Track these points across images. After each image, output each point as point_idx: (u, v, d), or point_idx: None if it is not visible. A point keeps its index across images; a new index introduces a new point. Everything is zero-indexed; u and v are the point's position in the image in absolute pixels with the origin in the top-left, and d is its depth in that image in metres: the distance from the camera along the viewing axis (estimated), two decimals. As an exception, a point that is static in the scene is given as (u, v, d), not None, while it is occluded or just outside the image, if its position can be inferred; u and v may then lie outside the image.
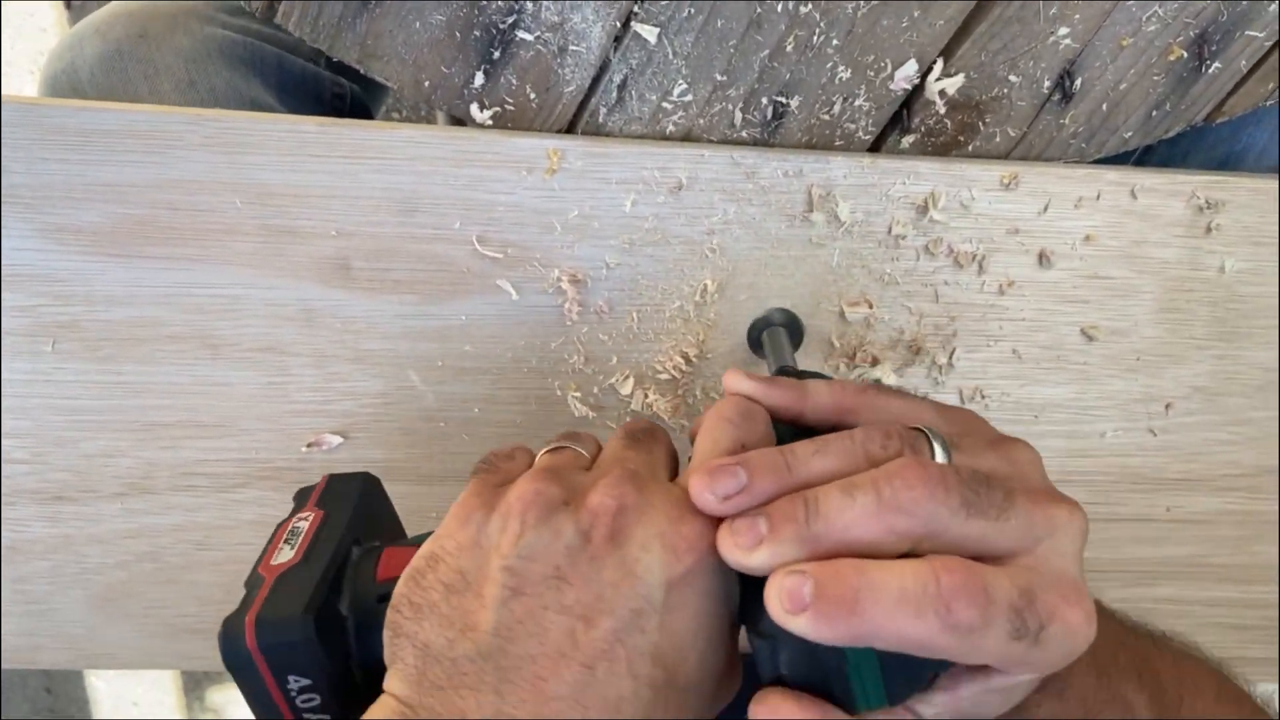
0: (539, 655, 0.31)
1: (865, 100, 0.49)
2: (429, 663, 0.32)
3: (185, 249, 0.48)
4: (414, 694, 0.32)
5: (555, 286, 0.51)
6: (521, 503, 0.33)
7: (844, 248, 0.51)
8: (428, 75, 0.47)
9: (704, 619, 0.33)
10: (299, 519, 0.39)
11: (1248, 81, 0.51)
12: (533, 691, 0.31)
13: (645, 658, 0.32)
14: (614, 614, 0.32)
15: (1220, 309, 0.54)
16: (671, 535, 0.33)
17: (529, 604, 0.32)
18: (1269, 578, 0.63)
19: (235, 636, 0.34)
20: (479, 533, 0.34)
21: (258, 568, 0.37)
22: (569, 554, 0.32)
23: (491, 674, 0.31)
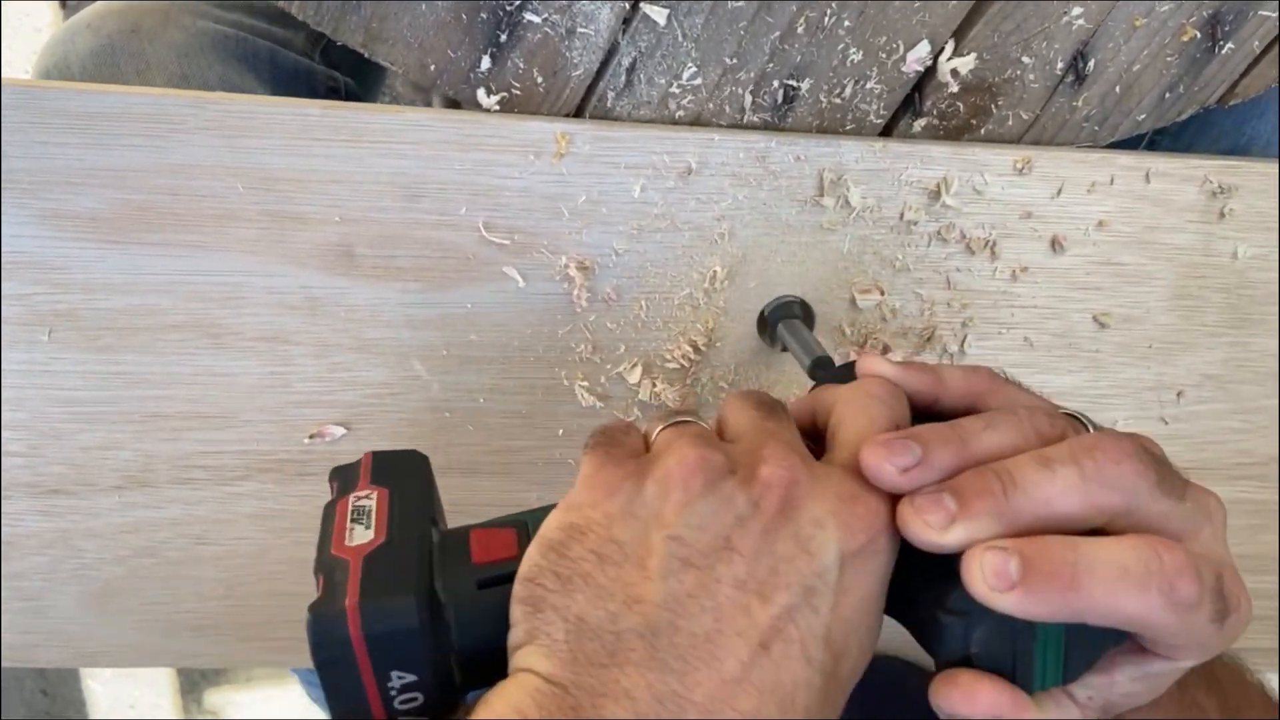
0: (714, 632, 0.29)
1: (877, 83, 0.48)
2: (585, 637, 0.29)
3: (186, 235, 0.47)
4: (566, 672, 0.29)
5: (563, 274, 0.50)
6: (685, 469, 0.31)
7: (855, 234, 0.51)
8: (433, 59, 0.46)
9: (870, 602, 0.31)
10: (360, 497, 0.35)
11: (1261, 62, 0.50)
12: (708, 672, 0.28)
13: (819, 640, 0.30)
14: (789, 590, 0.29)
15: (1233, 295, 0.54)
16: (846, 513, 0.31)
17: (700, 576, 0.29)
18: (1276, 567, 0.63)
19: (333, 624, 0.29)
20: (631, 501, 0.31)
21: (330, 550, 0.32)
22: (740, 524, 0.30)
23: (664, 650, 0.29)
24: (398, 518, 0.33)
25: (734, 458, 0.32)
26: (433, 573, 0.32)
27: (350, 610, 0.29)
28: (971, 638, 0.30)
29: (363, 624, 0.29)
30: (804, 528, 0.30)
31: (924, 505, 0.30)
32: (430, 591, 0.31)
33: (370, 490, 0.35)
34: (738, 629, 0.29)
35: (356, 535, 0.33)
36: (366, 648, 0.30)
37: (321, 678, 0.30)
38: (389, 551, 0.32)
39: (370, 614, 0.30)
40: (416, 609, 0.30)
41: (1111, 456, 0.30)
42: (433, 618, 0.31)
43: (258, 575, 0.56)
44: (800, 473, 0.31)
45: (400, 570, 0.31)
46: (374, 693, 0.30)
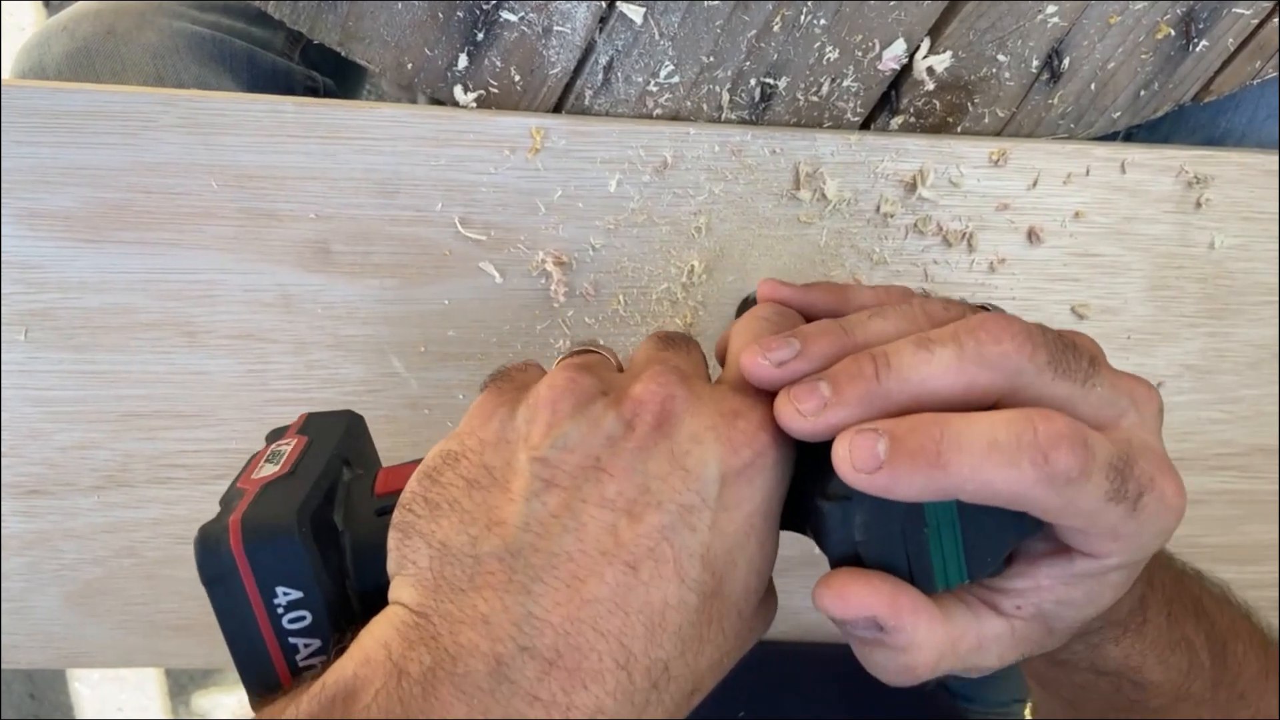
0: (576, 552, 0.28)
1: (854, 81, 0.48)
2: (447, 563, 0.28)
3: (160, 233, 0.47)
4: (428, 599, 0.28)
5: (540, 269, 0.50)
6: (553, 392, 0.30)
7: (832, 227, 0.51)
8: (410, 57, 0.46)
9: (756, 521, 0.30)
10: (280, 444, 0.35)
11: (1235, 59, 0.50)
12: (568, 593, 0.28)
13: (695, 559, 0.29)
14: (662, 508, 0.28)
15: (1210, 285, 0.54)
16: (726, 428, 0.29)
17: (564, 497, 0.29)
18: (1263, 557, 0.63)
19: (216, 540, 0.29)
20: (504, 427, 0.31)
21: (236, 484, 0.33)
22: (610, 444, 0.29)
23: (522, 572, 0.28)
24: (307, 457, 0.33)
25: (610, 381, 0.31)
26: (332, 502, 0.32)
27: (233, 525, 0.29)
28: (853, 525, 0.29)
29: (244, 537, 0.29)
30: (680, 444, 0.29)
31: (798, 394, 0.29)
32: (321, 514, 0.31)
33: (292, 439, 0.35)
34: (602, 548, 0.28)
35: (263, 470, 0.33)
36: (248, 561, 0.29)
37: (210, 597, 0.30)
38: (286, 481, 0.32)
39: (251, 528, 0.29)
40: (296, 524, 0.30)
41: (992, 335, 0.28)
42: (320, 537, 0.30)
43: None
44: (677, 389, 0.30)
45: (290, 494, 0.31)
46: (261, 610, 0.30)
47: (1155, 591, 0.38)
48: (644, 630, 0.28)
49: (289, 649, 0.30)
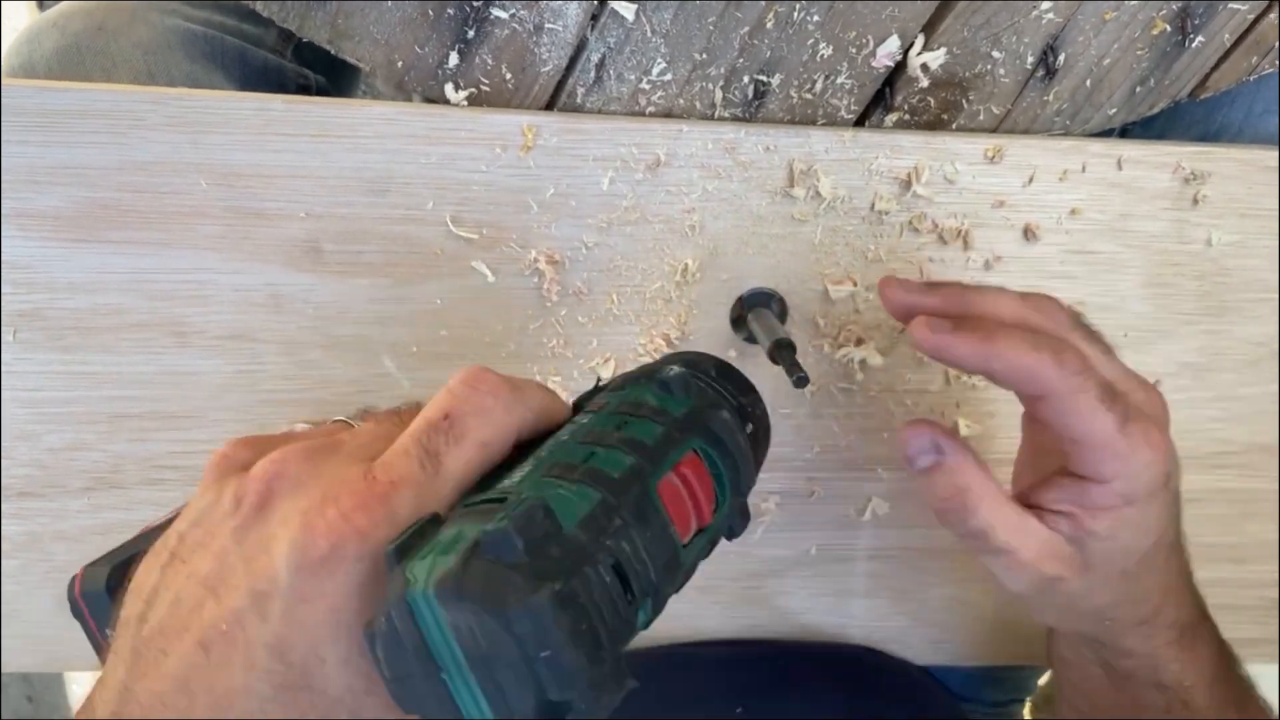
0: (167, 627, 0.28)
1: (848, 78, 0.48)
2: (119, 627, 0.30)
3: (150, 233, 0.47)
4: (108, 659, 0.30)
5: (532, 268, 0.50)
6: (207, 467, 0.31)
7: (826, 224, 0.50)
8: (401, 55, 0.46)
9: (345, 616, 0.28)
10: None
11: (1232, 55, 0.50)
12: (153, 667, 0.28)
13: (263, 649, 0.27)
14: (239, 591, 0.28)
15: (1208, 283, 0.54)
16: (314, 514, 0.28)
17: (178, 569, 0.29)
18: (1263, 556, 0.63)
19: (70, 584, 0.33)
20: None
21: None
22: (221, 520, 0.29)
23: (128, 641, 0.29)
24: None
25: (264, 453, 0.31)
26: None
27: (79, 573, 0.33)
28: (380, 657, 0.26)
29: (81, 584, 0.33)
30: (271, 527, 0.29)
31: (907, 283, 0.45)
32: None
33: None
34: (187, 625, 0.28)
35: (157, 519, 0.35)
36: (86, 605, 0.33)
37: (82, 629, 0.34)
38: (154, 530, 0.34)
39: (86, 576, 0.33)
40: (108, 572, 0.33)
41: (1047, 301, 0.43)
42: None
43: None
44: (291, 468, 0.29)
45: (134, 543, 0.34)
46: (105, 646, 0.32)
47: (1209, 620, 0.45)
48: (207, 712, 0.27)
49: None
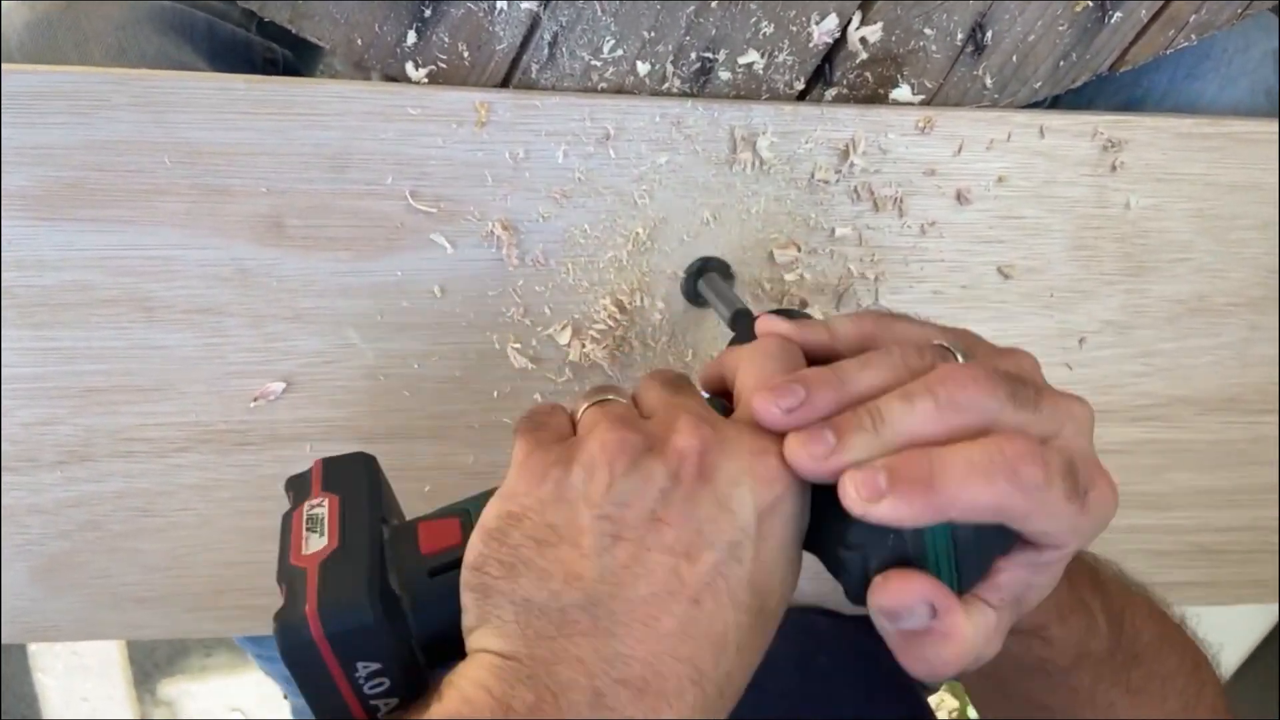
0: (648, 595, 0.32)
1: (789, 55, 0.50)
2: (533, 615, 0.32)
3: (116, 211, 0.48)
4: (519, 647, 0.32)
5: (490, 237, 0.52)
6: (607, 452, 0.34)
7: (769, 194, 0.53)
8: (360, 34, 0.48)
9: (787, 544, 0.35)
10: (313, 506, 0.38)
11: (1149, 30, 0.53)
12: (646, 630, 0.32)
13: (744, 586, 0.33)
14: (714, 547, 0.33)
15: (1127, 244, 0.57)
16: (759, 468, 0.34)
17: (631, 549, 0.33)
18: (1185, 503, 0.67)
19: (296, 630, 0.32)
20: (560, 486, 0.34)
21: (289, 560, 0.35)
22: (662, 496, 0.33)
23: (605, 619, 0.32)
24: (348, 522, 0.36)
25: (650, 434, 0.35)
26: (385, 568, 0.35)
27: (310, 615, 0.32)
28: (869, 567, 0.33)
29: (323, 626, 0.32)
30: (722, 488, 0.34)
31: (807, 439, 0.34)
32: (383, 586, 0.34)
33: (322, 498, 0.38)
34: (670, 589, 0.32)
35: (312, 544, 0.35)
36: (330, 646, 0.33)
37: (295, 677, 0.33)
38: (342, 556, 0.35)
39: (329, 616, 0.33)
40: (369, 606, 0.33)
41: (960, 383, 0.34)
42: (387, 610, 0.34)
43: (201, 545, 0.57)
44: (710, 439, 0.34)
45: (353, 573, 0.34)
46: (344, 684, 0.33)
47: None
48: (711, 652, 0.33)
49: (371, 709, 0.34)
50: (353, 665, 0.33)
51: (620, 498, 0.33)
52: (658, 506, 0.33)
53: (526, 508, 0.34)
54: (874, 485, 0.33)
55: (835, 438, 0.34)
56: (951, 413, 0.34)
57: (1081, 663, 0.47)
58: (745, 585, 0.33)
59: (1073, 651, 0.46)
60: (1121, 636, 0.48)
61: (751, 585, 0.34)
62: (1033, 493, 0.33)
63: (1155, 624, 0.51)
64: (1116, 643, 0.48)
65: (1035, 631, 0.45)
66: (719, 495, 0.34)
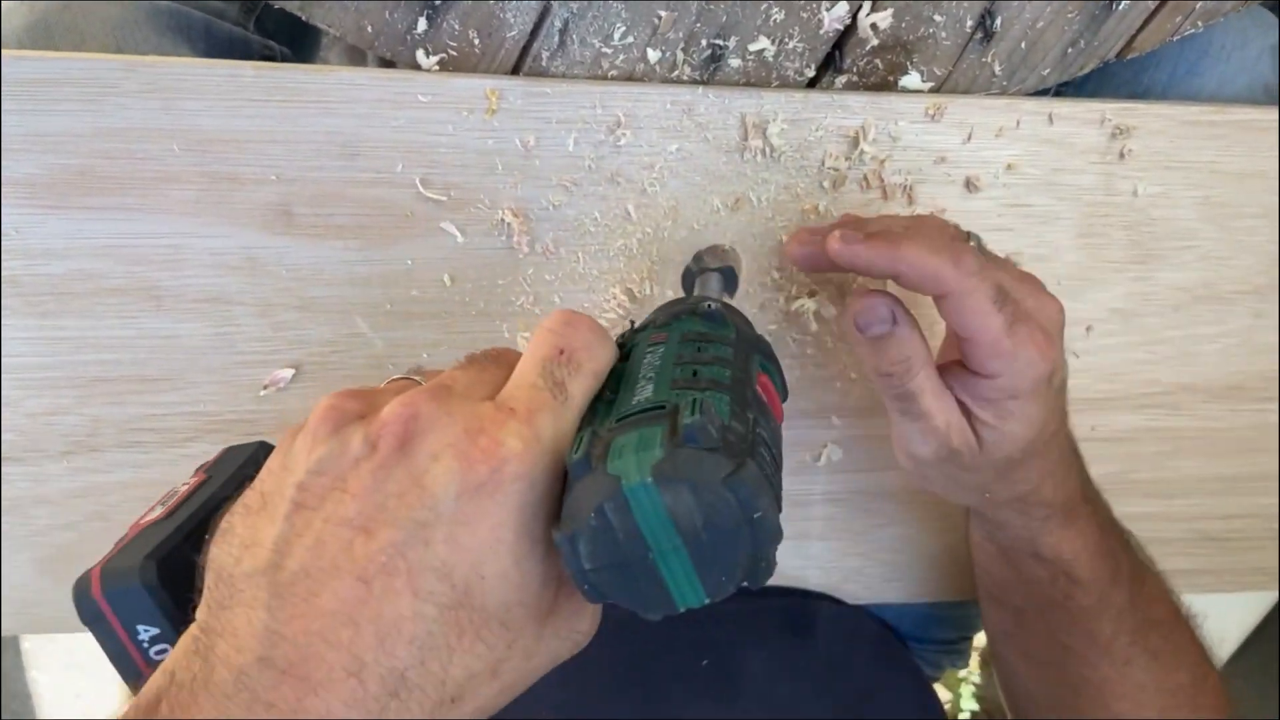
0: (313, 569, 0.30)
1: (799, 42, 0.50)
2: (218, 582, 0.31)
3: (124, 198, 0.48)
4: (204, 616, 0.31)
5: (500, 225, 0.51)
6: (316, 418, 0.32)
7: (780, 181, 0.53)
8: (370, 21, 0.47)
9: (506, 534, 0.31)
10: (183, 483, 0.39)
11: (1156, 17, 0.53)
12: (305, 606, 0.29)
13: (429, 573, 0.30)
14: (396, 525, 0.30)
15: (1135, 232, 0.57)
16: (466, 444, 0.31)
17: (309, 516, 0.30)
18: (1190, 490, 0.67)
19: (84, 588, 0.34)
20: (285, 455, 0.33)
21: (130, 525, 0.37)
22: (354, 464, 0.31)
23: (265, 589, 0.30)
24: (191, 498, 0.37)
25: (373, 403, 0.33)
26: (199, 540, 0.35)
27: (95, 575, 0.34)
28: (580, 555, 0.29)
29: (102, 585, 0.34)
30: (419, 462, 0.30)
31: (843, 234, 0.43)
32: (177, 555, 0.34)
33: (194, 478, 0.39)
34: (336, 564, 0.30)
35: (151, 513, 0.37)
36: (108, 605, 0.33)
37: (94, 636, 0.34)
38: (158, 525, 0.36)
39: (108, 576, 0.34)
40: (141, 571, 0.33)
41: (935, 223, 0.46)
42: (170, 579, 0.34)
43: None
44: (423, 409, 0.31)
45: (150, 540, 0.35)
46: (131, 646, 0.34)
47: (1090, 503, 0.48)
48: (375, 640, 0.29)
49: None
50: (133, 628, 0.34)
51: (317, 465, 0.31)
52: (349, 475, 0.31)
53: (259, 478, 0.33)
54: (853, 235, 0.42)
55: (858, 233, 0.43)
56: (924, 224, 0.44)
57: (1104, 607, 0.51)
58: (432, 572, 0.30)
59: (1097, 593, 0.50)
60: (1141, 600, 0.52)
61: (441, 573, 0.30)
62: (964, 277, 0.41)
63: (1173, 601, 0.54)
64: (1135, 604, 0.51)
65: (1063, 564, 0.49)
66: (414, 470, 0.30)
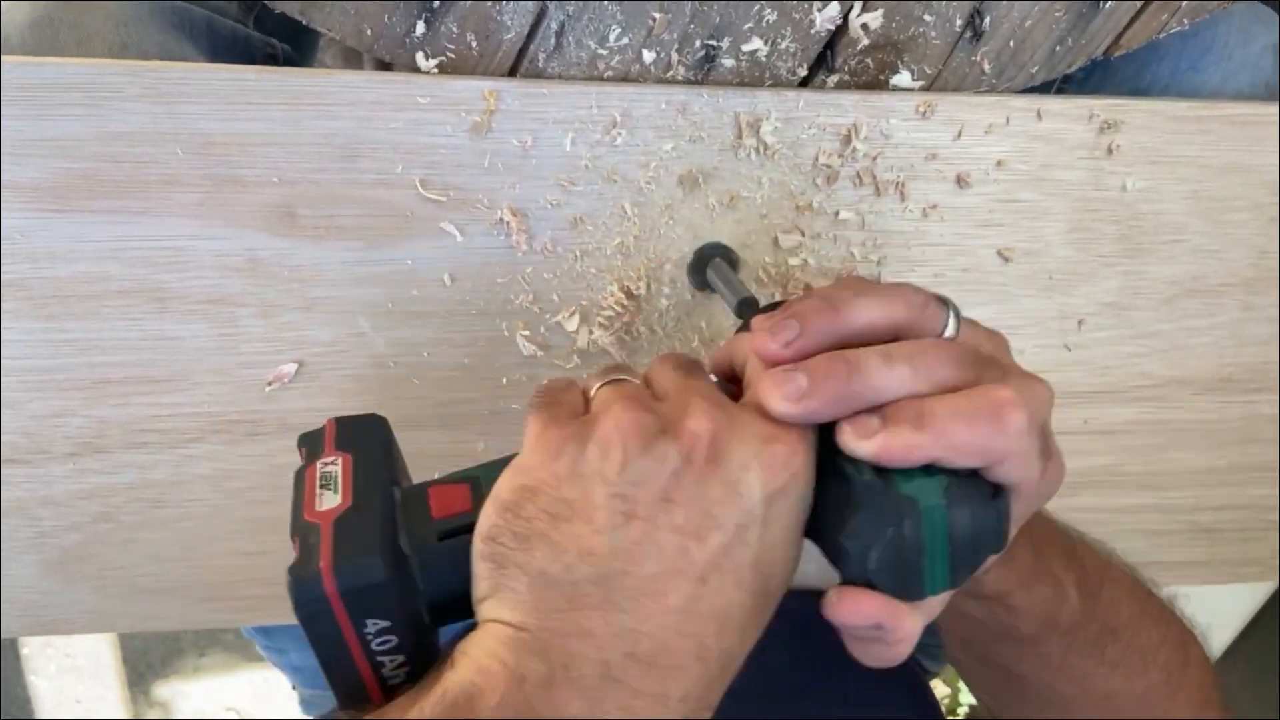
0: (657, 573, 0.33)
1: (792, 42, 0.51)
2: (546, 588, 0.33)
3: (128, 202, 0.49)
4: (531, 619, 0.33)
5: (499, 225, 0.52)
6: (621, 432, 0.34)
7: (774, 179, 0.54)
8: (369, 24, 0.48)
9: (792, 529, 0.36)
10: (326, 464, 0.38)
11: (1143, 14, 0.54)
12: (655, 606, 0.33)
13: (748, 568, 0.34)
14: (722, 529, 0.34)
15: (1124, 226, 0.58)
16: (767, 454, 0.35)
17: (643, 527, 0.34)
18: (1182, 482, 0.68)
19: (310, 584, 0.33)
20: (576, 462, 0.35)
21: (303, 516, 0.36)
22: (675, 477, 0.34)
23: (615, 593, 0.33)
24: (361, 481, 0.37)
25: (663, 416, 0.36)
26: (396, 529, 0.36)
27: (325, 570, 0.33)
28: (869, 558, 0.34)
29: (336, 581, 0.33)
30: (732, 472, 0.34)
31: (782, 380, 0.35)
32: (394, 547, 0.35)
33: (335, 456, 0.39)
34: (678, 568, 0.34)
35: (325, 500, 0.36)
36: (341, 602, 0.34)
37: (306, 630, 0.34)
38: (355, 514, 0.36)
39: (342, 572, 0.33)
40: (382, 565, 0.34)
41: (939, 359, 0.35)
42: (398, 570, 0.34)
43: (214, 536, 0.58)
44: (722, 423, 0.35)
45: (366, 531, 0.35)
46: (353, 640, 0.34)
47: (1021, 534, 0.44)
48: (715, 629, 0.34)
49: (377, 665, 0.35)
50: (362, 622, 0.34)
51: (634, 477, 0.34)
52: (670, 487, 0.34)
53: (542, 481, 0.35)
54: (869, 425, 0.34)
55: (807, 382, 0.35)
56: (924, 384, 0.35)
57: (1048, 632, 0.48)
58: (750, 567, 0.34)
59: (1038, 620, 0.48)
60: (1096, 610, 0.49)
61: (756, 567, 0.35)
62: (1015, 437, 0.34)
63: (1138, 600, 0.52)
64: (1090, 615, 0.49)
65: (998, 599, 0.46)
66: (728, 478, 0.34)
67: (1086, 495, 0.66)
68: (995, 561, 0.43)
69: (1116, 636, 0.50)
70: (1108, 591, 0.50)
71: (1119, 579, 0.52)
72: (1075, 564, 0.48)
